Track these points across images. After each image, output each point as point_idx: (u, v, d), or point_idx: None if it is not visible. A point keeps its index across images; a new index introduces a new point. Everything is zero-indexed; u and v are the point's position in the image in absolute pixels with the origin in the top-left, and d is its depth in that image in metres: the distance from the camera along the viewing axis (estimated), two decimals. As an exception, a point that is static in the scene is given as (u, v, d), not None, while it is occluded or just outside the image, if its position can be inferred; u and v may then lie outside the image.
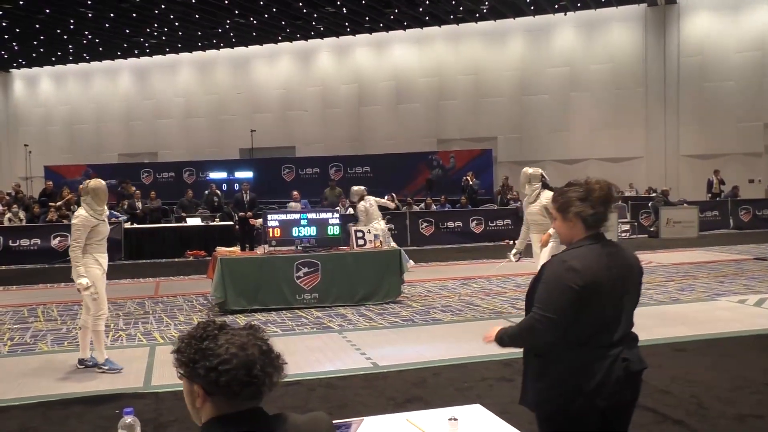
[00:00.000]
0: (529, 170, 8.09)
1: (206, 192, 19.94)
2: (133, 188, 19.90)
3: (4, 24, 24.33)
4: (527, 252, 8.35)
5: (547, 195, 7.69)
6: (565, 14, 25.90)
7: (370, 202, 11.62)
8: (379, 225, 11.31)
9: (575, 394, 2.60)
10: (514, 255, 8.21)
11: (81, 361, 6.47)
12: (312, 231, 9.71)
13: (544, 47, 26.76)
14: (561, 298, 2.59)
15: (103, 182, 6.55)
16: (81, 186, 6.60)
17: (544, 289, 2.66)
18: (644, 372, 2.80)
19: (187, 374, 1.74)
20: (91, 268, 6.27)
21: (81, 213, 6.32)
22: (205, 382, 1.70)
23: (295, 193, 17.93)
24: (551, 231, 7.31)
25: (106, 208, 6.52)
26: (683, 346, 6.89)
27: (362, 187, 11.92)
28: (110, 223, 15.92)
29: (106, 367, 6.36)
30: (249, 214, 15.91)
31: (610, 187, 2.74)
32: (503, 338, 2.79)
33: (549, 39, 26.70)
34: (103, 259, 6.44)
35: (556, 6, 25.03)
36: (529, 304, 2.75)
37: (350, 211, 17.96)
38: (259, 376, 1.69)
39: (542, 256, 7.42)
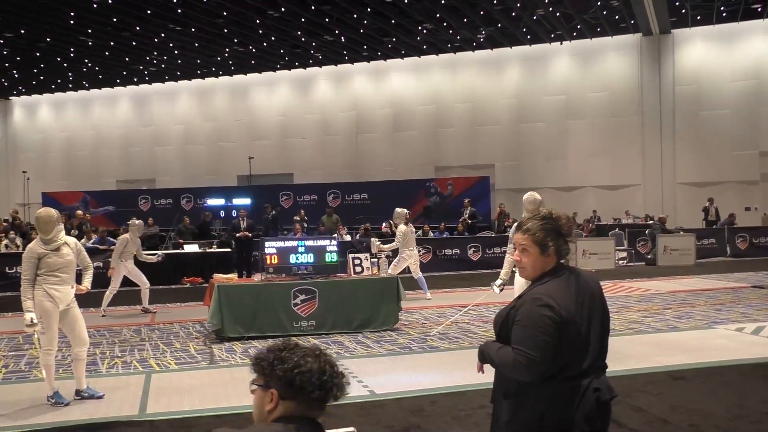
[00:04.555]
0: (538, 196, 7.60)
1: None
2: (271, 208, 20.10)
3: (5, 52, 24.53)
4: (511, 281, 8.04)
5: None
6: (561, 44, 26.18)
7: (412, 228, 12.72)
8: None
9: (551, 428, 2.56)
10: (499, 286, 7.63)
11: (77, 392, 6.38)
12: (310, 258, 9.69)
13: (541, 76, 27.00)
14: (542, 338, 2.54)
15: (50, 211, 6.22)
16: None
17: (522, 330, 2.59)
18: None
19: (264, 378, 2.04)
20: (41, 302, 6.01)
21: (30, 245, 6.18)
22: (282, 384, 2.00)
23: (296, 226, 17.93)
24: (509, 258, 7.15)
25: (59, 238, 6.16)
26: (682, 374, 6.86)
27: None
28: (107, 251, 15.92)
29: (53, 401, 6.13)
30: (246, 233, 15.93)
31: (570, 218, 2.81)
32: (489, 355, 2.73)
33: (545, 68, 26.95)
34: (58, 291, 6.09)
35: (552, 35, 25.32)
36: (503, 333, 2.70)
37: (347, 238, 17.98)
38: (328, 382, 2.01)
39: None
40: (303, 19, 21.69)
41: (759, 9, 23.16)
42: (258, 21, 21.69)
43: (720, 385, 6.41)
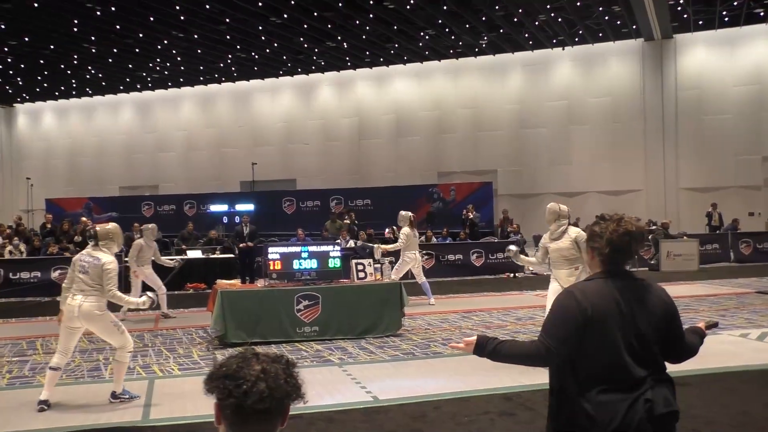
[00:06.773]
0: (558, 207, 7.78)
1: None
2: (347, 214, 20.11)
3: (9, 60, 24.62)
4: (541, 284, 8.22)
5: (574, 230, 7.58)
6: (563, 49, 26.20)
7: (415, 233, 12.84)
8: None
9: None
10: (512, 250, 8.41)
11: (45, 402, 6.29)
12: (313, 264, 9.70)
13: (543, 81, 27.02)
14: (561, 328, 2.60)
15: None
16: (101, 228, 6.51)
17: (548, 318, 2.70)
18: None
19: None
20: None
21: (112, 257, 6.37)
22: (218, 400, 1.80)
23: (299, 231, 17.92)
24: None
25: None
26: (685, 380, 6.82)
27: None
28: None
29: (126, 397, 6.41)
30: (249, 244, 15.86)
31: (628, 228, 2.70)
32: (495, 350, 2.67)
33: (547, 73, 26.98)
34: None
35: (554, 41, 25.34)
36: None
37: (351, 243, 17.97)
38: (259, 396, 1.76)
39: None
40: (305, 26, 21.75)
41: (761, 14, 23.17)
42: (261, 27, 21.75)
43: (724, 392, 6.39)
